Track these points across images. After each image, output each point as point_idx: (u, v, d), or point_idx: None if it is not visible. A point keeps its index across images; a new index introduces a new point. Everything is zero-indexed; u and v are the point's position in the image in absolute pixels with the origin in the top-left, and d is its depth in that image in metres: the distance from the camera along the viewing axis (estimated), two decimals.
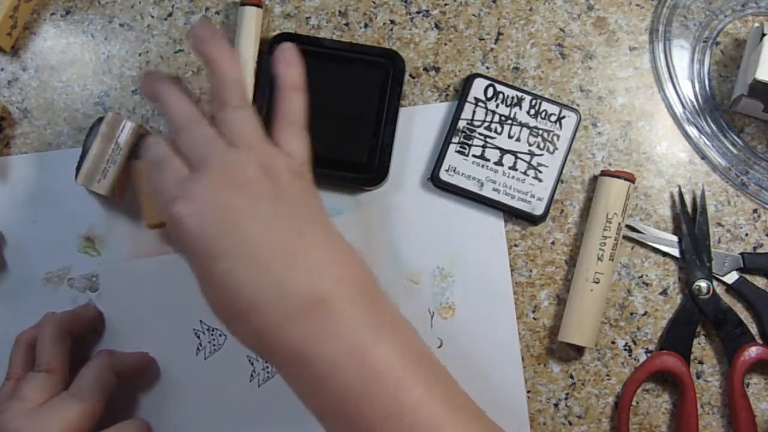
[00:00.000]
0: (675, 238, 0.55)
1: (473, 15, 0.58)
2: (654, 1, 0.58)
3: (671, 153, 0.57)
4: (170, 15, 0.59)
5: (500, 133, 0.56)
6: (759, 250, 0.56)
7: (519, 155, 0.55)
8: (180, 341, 0.54)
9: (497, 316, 0.55)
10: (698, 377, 0.55)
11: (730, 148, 0.57)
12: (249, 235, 0.39)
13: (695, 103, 0.57)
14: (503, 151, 0.55)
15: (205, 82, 0.58)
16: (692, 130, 0.57)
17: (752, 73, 0.53)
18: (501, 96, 0.56)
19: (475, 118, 0.56)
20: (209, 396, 0.54)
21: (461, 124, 0.56)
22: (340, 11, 0.59)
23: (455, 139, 0.56)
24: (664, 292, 0.56)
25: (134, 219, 0.56)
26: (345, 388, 0.38)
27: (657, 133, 0.57)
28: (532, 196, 0.55)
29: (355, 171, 0.55)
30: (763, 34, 0.53)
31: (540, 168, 0.55)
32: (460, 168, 0.55)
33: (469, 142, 0.55)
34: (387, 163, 0.55)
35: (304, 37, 0.57)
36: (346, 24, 0.58)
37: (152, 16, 0.59)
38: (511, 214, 0.56)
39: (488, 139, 0.56)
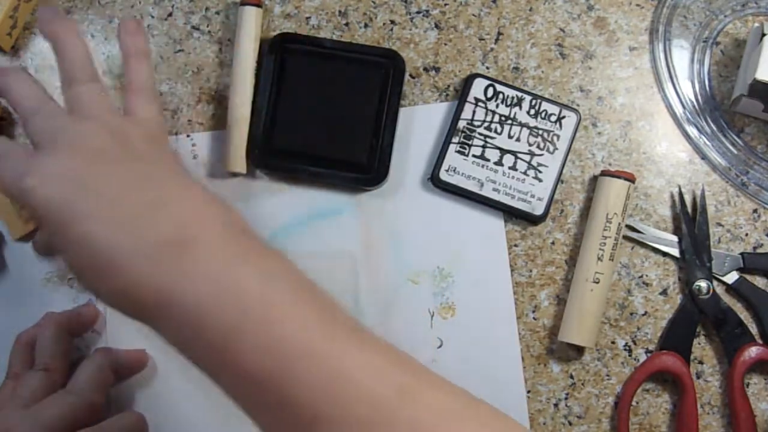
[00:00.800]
0: (675, 238, 0.55)
1: (473, 15, 0.58)
2: (654, 1, 0.58)
3: (671, 153, 0.57)
4: (170, 15, 0.59)
5: (500, 133, 0.56)
6: (759, 250, 0.56)
7: (519, 155, 0.55)
8: None
9: (497, 316, 0.55)
10: (698, 377, 0.55)
11: (730, 148, 0.57)
12: (104, 195, 0.39)
13: (695, 103, 0.57)
14: (503, 151, 0.55)
15: (205, 82, 0.58)
16: (692, 130, 0.57)
17: (752, 73, 0.53)
18: (501, 96, 0.56)
19: (475, 118, 0.56)
20: (209, 391, 0.54)
21: (461, 124, 0.56)
22: (340, 11, 0.59)
23: (455, 139, 0.56)
24: (664, 292, 0.56)
25: None
26: (217, 325, 0.36)
27: (657, 133, 0.57)
28: (532, 196, 0.55)
29: (355, 171, 0.55)
30: (763, 34, 0.53)
31: (540, 168, 0.55)
32: (460, 168, 0.55)
33: (469, 142, 0.55)
34: (387, 163, 0.55)
35: (304, 38, 0.57)
36: (346, 24, 0.58)
37: (152, 16, 0.59)
38: (511, 214, 0.56)
39: (488, 139, 0.56)
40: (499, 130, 0.56)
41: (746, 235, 0.56)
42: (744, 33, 0.58)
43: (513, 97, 0.56)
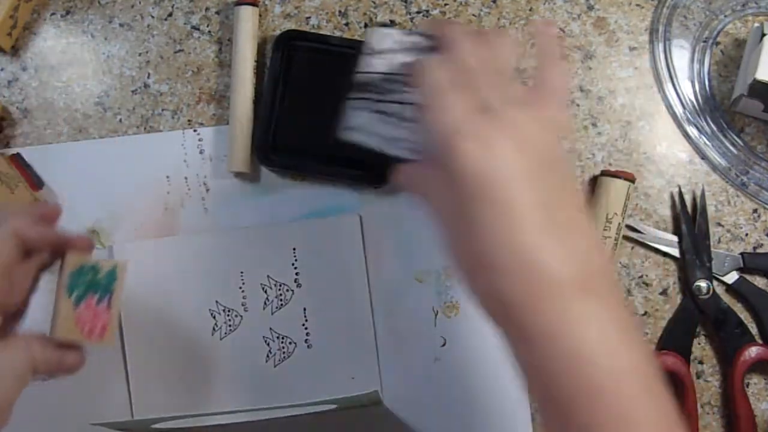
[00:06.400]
0: (675, 238, 0.55)
1: (473, 15, 0.58)
2: (654, 1, 0.58)
3: (671, 153, 0.57)
4: (170, 15, 0.59)
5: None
6: (759, 250, 0.56)
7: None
8: (196, 321, 0.55)
9: None
10: (698, 377, 0.55)
11: (730, 148, 0.57)
12: (519, 194, 0.37)
13: (695, 103, 0.57)
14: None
15: (205, 81, 0.58)
16: (692, 130, 0.57)
17: (752, 73, 0.53)
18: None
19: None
20: (225, 376, 0.54)
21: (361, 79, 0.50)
22: (340, 11, 0.59)
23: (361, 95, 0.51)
24: (664, 292, 0.56)
25: (139, 213, 0.56)
26: (579, 383, 0.36)
27: (657, 133, 0.57)
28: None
29: (362, 169, 0.55)
30: (763, 34, 0.53)
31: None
32: (365, 126, 0.50)
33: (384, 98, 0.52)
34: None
35: (310, 35, 0.57)
36: (346, 24, 0.58)
37: (152, 16, 0.59)
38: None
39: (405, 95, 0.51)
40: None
41: (746, 235, 0.56)
42: (744, 33, 0.58)
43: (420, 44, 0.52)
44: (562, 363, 0.36)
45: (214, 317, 0.55)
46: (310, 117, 0.56)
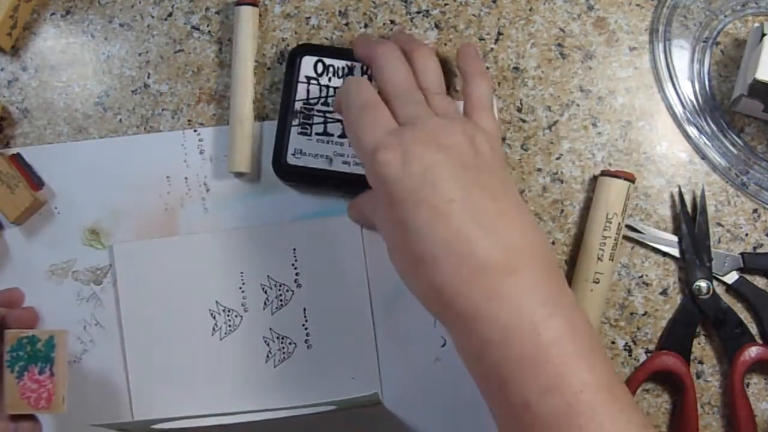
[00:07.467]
0: (675, 238, 0.55)
1: (473, 15, 0.58)
2: (654, 1, 0.58)
3: (671, 153, 0.57)
4: (170, 15, 0.59)
5: None
6: (759, 250, 0.56)
7: None
8: (196, 321, 0.55)
9: None
10: (698, 377, 0.55)
11: (730, 148, 0.57)
12: (447, 191, 0.40)
13: (695, 103, 0.57)
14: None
15: (205, 81, 0.58)
16: (692, 130, 0.57)
17: (752, 73, 0.53)
18: (332, 69, 0.55)
19: (311, 96, 0.55)
20: (225, 376, 0.54)
21: (297, 105, 0.55)
22: (340, 11, 0.59)
23: (295, 121, 0.54)
24: (664, 292, 0.56)
25: (139, 214, 0.56)
26: (512, 355, 0.38)
27: (657, 133, 0.57)
28: None
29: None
30: (763, 34, 0.53)
31: None
32: (306, 149, 0.54)
33: (310, 122, 0.54)
34: None
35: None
36: (346, 24, 0.58)
37: (152, 16, 0.59)
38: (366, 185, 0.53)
39: (328, 114, 0.55)
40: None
41: (746, 235, 0.56)
42: (744, 33, 0.58)
43: (343, 68, 0.55)
44: (495, 338, 0.38)
45: (214, 317, 0.55)
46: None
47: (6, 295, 0.54)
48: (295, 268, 0.55)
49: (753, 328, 0.54)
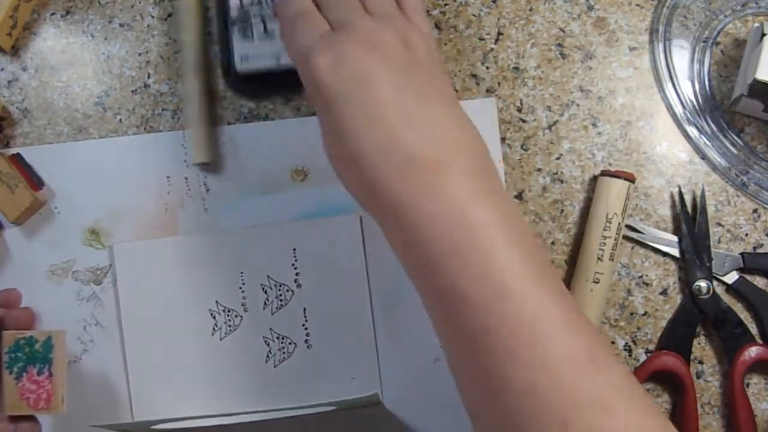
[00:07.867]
0: (675, 238, 0.55)
1: (473, 15, 0.58)
2: (654, 1, 0.58)
3: (671, 153, 0.57)
4: (170, 15, 0.59)
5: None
6: (759, 250, 0.56)
7: None
8: (196, 321, 0.55)
9: None
10: (698, 377, 0.55)
11: (730, 148, 0.57)
12: (377, 91, 0.41)
13: (695, 103, 0.57)
14: None
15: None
16: (692, 130, 0.57)
17: (752, 73, 0.53)
18: None
19: (244, 1, 0.55)
20: (225, 376, 0.54)
21: (233, 12, 0.54)
22: None
23: (235, 29, 0.54)
24: (664, 292, 0.56)
25: (139, 214, 0.56)
26: (440, 243, 0.39)
27: (657, 133, 0.57)
28: None
29: None
30: (763, 34, 0.53)
31: None
32: (252, 53, 0.54)
33: (248, 24, 0.54)
34: None
35: None
36: None
37: (152, 16, 0.59)
38: None
39: (264, 13, 0.54)
40: (270, 1, 0.55)
41: (746, 235, 0.56)
42: (744, 33, 0.58)
43: None
44: (423, 227, 0.39)
45: (214, 317, 0.55)
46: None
47: (3, 295, 0.54)
48: (295, 268, 0.55)
49: (753, 328, 0.54)
